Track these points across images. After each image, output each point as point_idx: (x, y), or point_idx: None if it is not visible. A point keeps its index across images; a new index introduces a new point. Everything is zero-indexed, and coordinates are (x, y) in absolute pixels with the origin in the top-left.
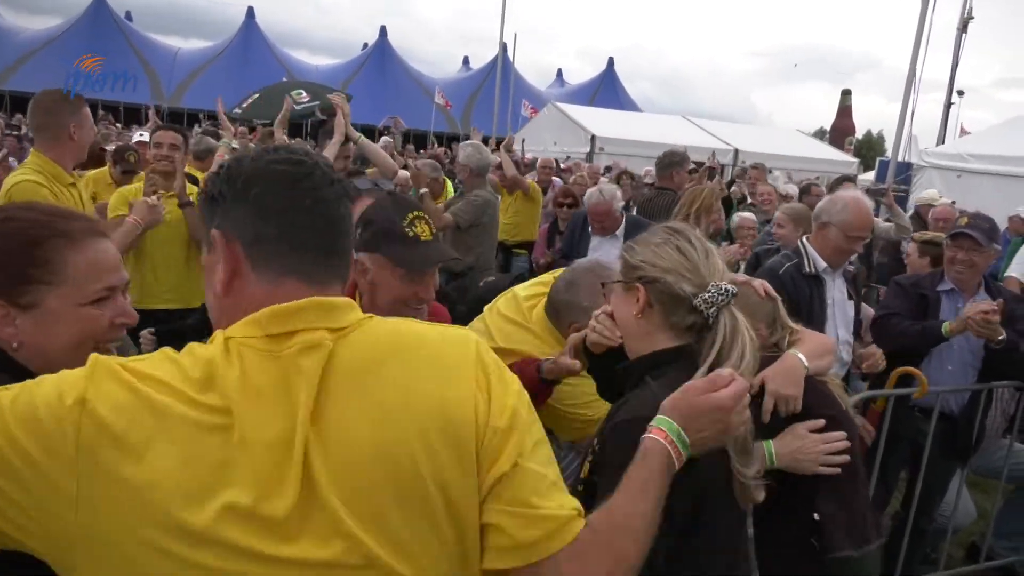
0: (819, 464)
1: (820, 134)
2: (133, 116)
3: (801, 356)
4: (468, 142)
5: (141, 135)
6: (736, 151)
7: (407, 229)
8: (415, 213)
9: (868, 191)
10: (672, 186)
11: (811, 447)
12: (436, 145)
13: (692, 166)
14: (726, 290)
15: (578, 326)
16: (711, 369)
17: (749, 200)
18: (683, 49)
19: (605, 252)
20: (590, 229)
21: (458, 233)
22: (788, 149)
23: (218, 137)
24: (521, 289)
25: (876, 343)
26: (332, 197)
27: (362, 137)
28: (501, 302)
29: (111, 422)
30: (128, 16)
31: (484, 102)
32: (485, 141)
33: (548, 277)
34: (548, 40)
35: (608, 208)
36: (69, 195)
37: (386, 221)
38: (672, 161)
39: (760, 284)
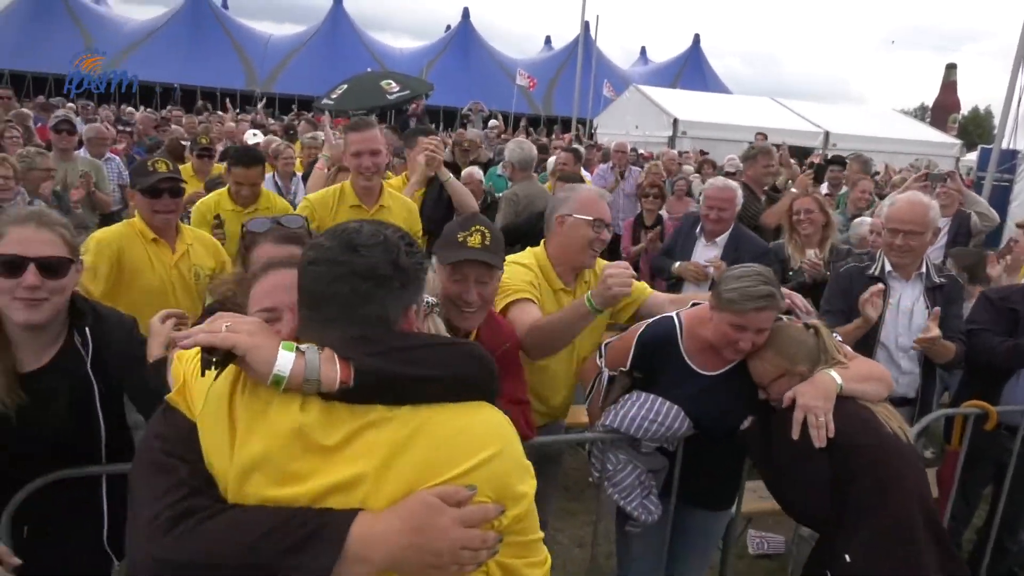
0: None
1: (921, 111)
2: (231, 101)
3: (834, 374)
4: (514, 140)
5: (255, 135)
6: (827, 134)
7: (460, 238)
8: (477, 227)
9: (928, 176)
10: (749, 182)
11: None
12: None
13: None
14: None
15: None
16: None
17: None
18: (773, 23)
19: (701, 259)
20: (698, 229)
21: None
22: (883, 131)
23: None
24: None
25: (965, 360)
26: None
27: (451, 178)
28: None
29: None
30: (224, 4)
31: (566, 83)
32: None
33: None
34: (632, 16)
35: (732, 199)
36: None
37: (448, 232)
38: (747, 155)
39: (801, 302)
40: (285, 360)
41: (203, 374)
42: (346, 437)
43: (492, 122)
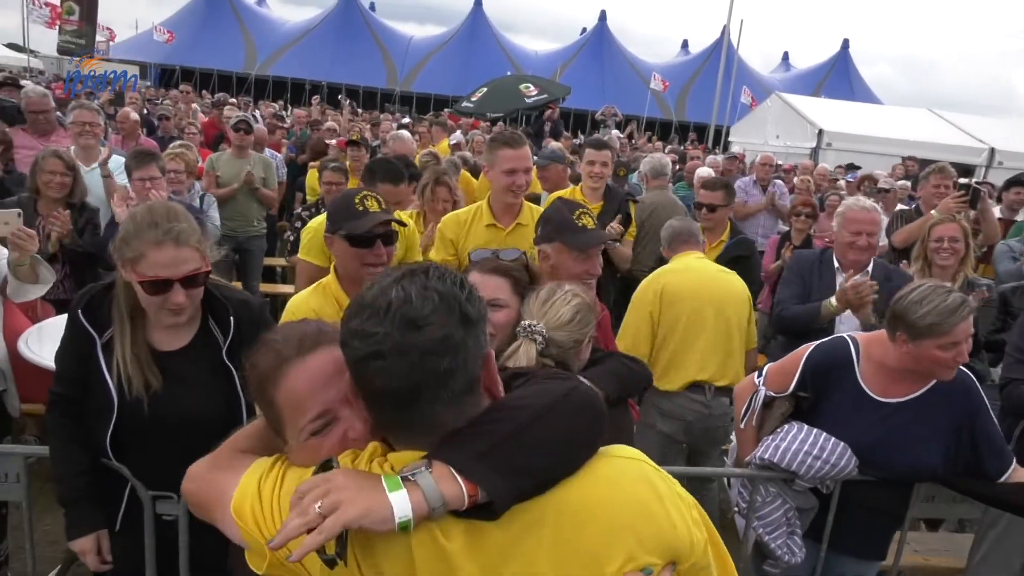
0: None
1: None
2: (371, 100)
3: None
4: (650, 156)
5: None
6: (992, 151)
7: (576, 221)
8: (581, 210)
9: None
10: (921, 204)
11: None
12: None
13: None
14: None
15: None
16: None
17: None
18: (930, 26)
19: None
20: (838, 264)
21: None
22: None
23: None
24: None
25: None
26: None
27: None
28: None
29: None
30: (372, 6)
31: (701, 89)
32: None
33: None
34: (775, 19)
35: (879, 221)
36: None
37: (560, 217)
38: (921, 175)
39: None
40: (402, 504)
41: (332, 569)
42: (503, 551)
43: (615, 132)
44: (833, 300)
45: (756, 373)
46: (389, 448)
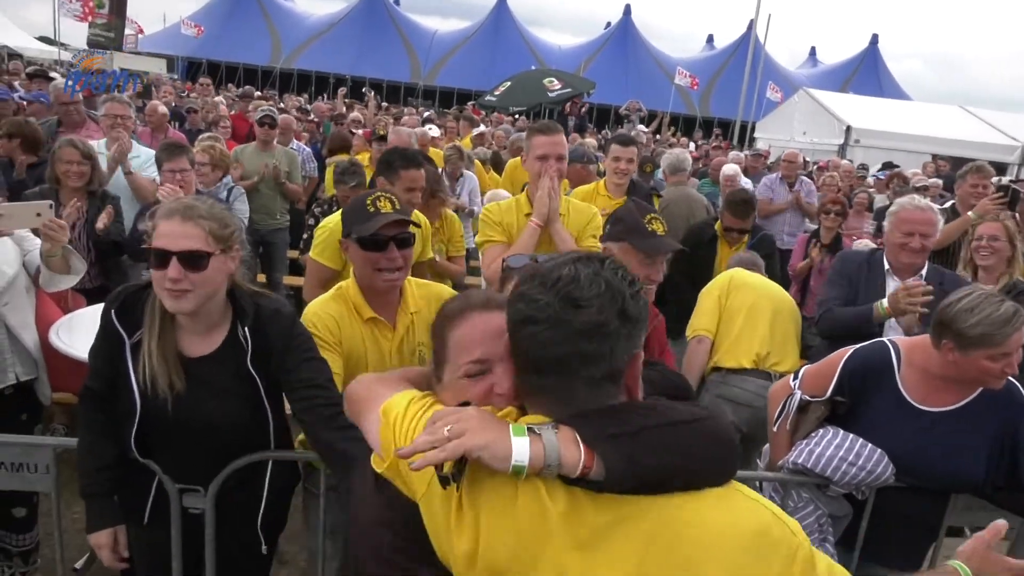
0: None
1: None
2: (394, 93)
3: None
4: (669, 152)
5: (431, 129)
6: None
7: (647, 225)
8: (652, 215)
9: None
10: (957, 204)
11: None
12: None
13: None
14: None
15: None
16: None
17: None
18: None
19: None
20: (888, 267)
21: None
22: None
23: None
24: None
25: None
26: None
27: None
28: None
29: None
30: (396, 0)
31: (725, 84)
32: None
33: None
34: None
35: (936, 222)
36: None
37: (632, 219)
38: (957, 174)
39: None
40: (521, 449)
41: (445, 488)
42: (599, 534)
43: (640, 127)
44: (884, 303)
45: (792, 376)
46: (523, 415)
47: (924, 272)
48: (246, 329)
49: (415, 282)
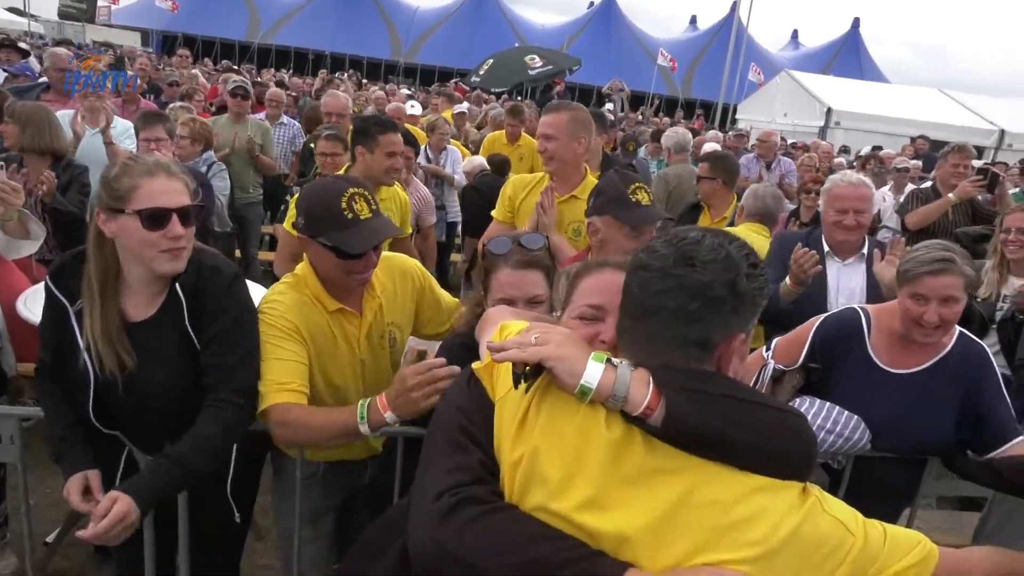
0: None
1: None
2: (375, 71)
3: None
4: (671, 129)
5: (413, 106)
6: (1002, 132)
7: (631, 196)
8: (637, 184)
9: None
10: (938, 184)
11: None
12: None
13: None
14: None
15: None
16: None
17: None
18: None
19: (846, 282)
20: (827, 248)
21: None
22: None
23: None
24: None
25: None
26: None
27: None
28: None
29: None
30: None
31: (708, 65)
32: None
33: None
34: None
35: (870, 198)
36: None
37: (614, 191)
38: (939, 154)
39: None
40: (594, 372)
41: (516, 387)
42: (639, 473)
43: (608, 105)
44: (787, 280)
45: (765, 347)
46: None
47: (865, 250)
48: (179, 286)
49: (382, 260)
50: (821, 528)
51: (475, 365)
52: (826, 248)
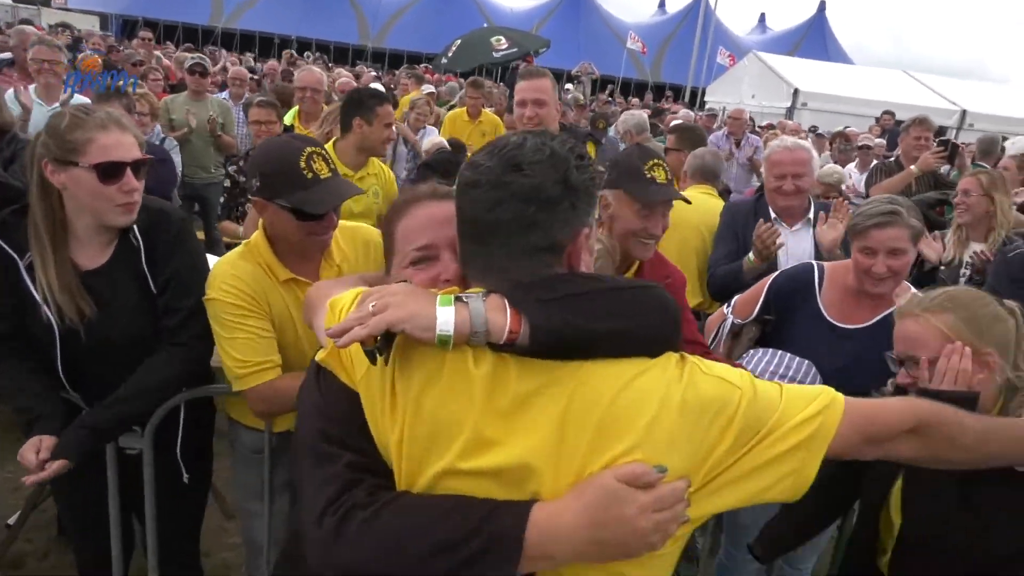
0: None
1: None
2: (342, 56)
3: None
4: (626, 112)
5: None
6: (963, 112)
7: (647, 172)
8: (655, 160)
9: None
10: (902, 157)
11: None
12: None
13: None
14: None
15: None
16: None
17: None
18: None
19: (795, 248)
20: (773, 215)
21: None
22: None
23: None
24: None
25: None
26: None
27: None
28: None
29: None
30: None
31: (677, 49)
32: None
33: None
34: None
35: (807, 160)
36: None
37: (630, 164)
38: (902, 127)
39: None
40: (446, 317)
41: (373, 363)
42: (520, 399)
43: (568, 86)
44: (751, 256)
45: (726, 304)
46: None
47: (811, 214)
48: (136, 228)
49: (340, 227)
50: (704, 391)
51: (319, 356)
52: (772, 215)
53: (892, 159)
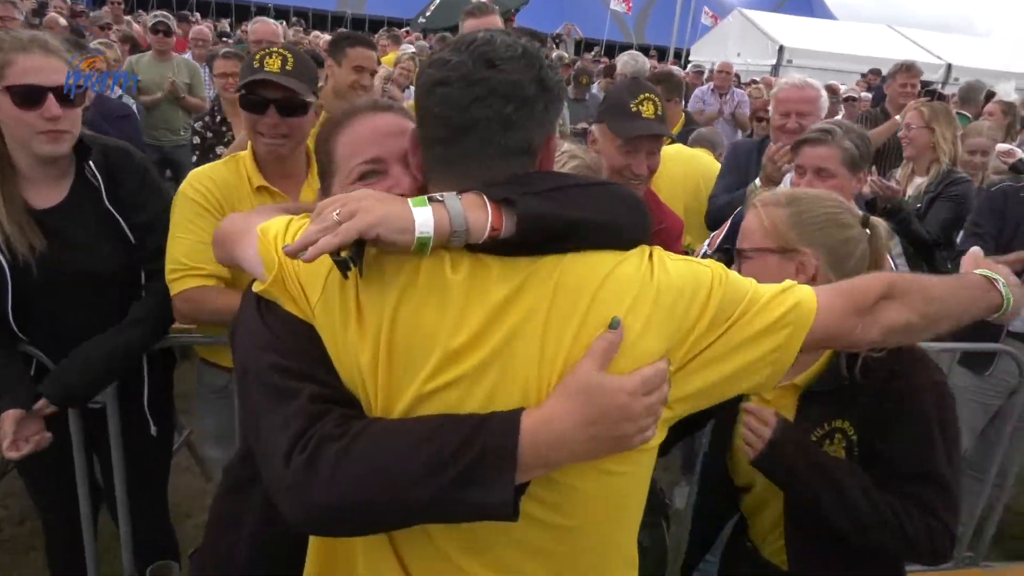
0: None
1: None
2: (321, 23)
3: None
4: (627, 52)
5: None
6: (948, 66)
7: (634, 106)
8: (646, 95)
9: None
10: (887, 105)
11: None
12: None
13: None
14: None
15: None
16: None
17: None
18: None
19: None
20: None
21: None
22: (1011, 64)
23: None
24: None
25: None
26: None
27: None
28: None
29: None
30: None
31: (661, 9)
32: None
33: None
34: None
35: (816, 99)
36: None
37: (617, 98)
38: (887, 73)
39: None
40: (424, 217)
41: (345, 276)
42: (503, 298)
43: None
44: (757, 181)
45: (707, 243)
46: None
47: None
48: (92, 165)
49: None
50: (677, 276)
51: (256, 287)
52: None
53: (878, 108)
